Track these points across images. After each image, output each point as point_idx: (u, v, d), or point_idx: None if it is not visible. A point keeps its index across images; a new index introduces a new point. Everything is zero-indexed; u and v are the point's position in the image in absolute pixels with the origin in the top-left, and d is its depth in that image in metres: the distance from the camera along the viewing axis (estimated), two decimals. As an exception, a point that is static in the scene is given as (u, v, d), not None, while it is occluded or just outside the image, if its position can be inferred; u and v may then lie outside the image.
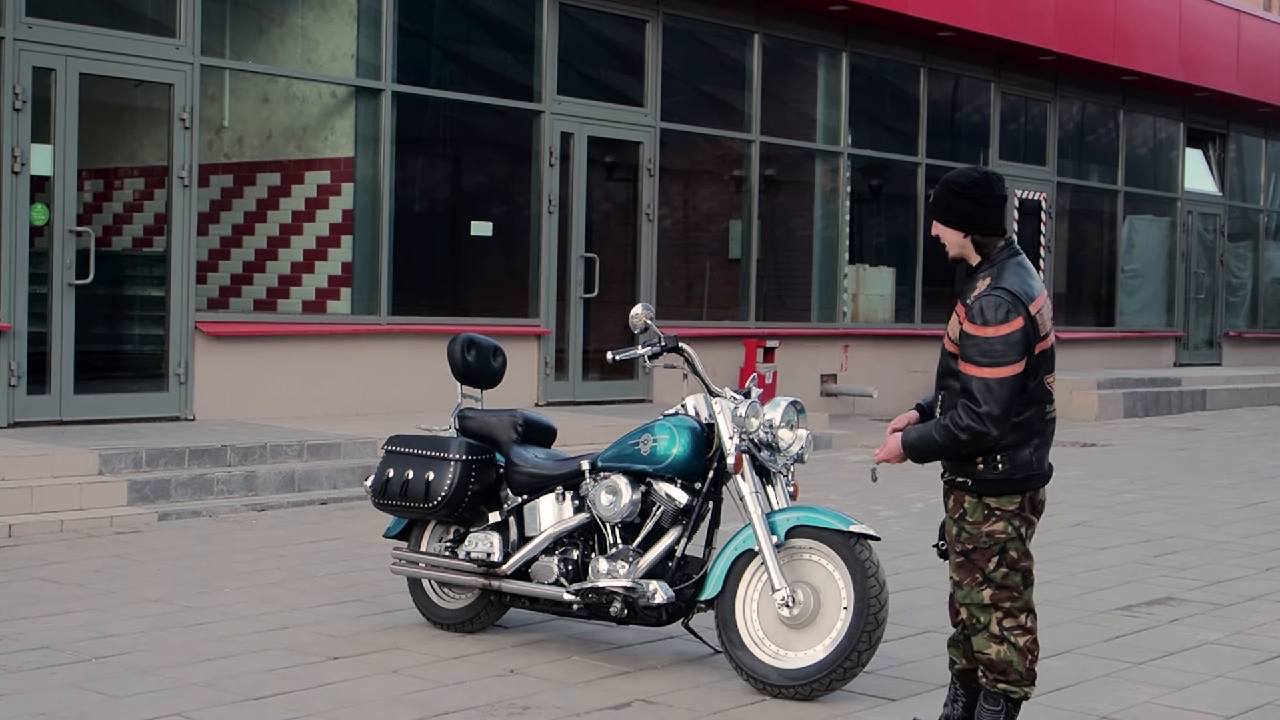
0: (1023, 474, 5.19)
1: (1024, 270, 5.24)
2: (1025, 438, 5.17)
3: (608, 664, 6.76)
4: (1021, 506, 5.22)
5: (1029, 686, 5.30)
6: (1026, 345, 5.10)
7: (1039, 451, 5.22)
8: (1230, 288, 26.75)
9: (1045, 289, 5.33)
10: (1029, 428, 5.18)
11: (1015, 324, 5.07)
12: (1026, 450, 5.18)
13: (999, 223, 5.29)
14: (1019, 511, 5.21)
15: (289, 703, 6.01)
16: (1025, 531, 5.24)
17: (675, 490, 6.64)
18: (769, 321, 17.95)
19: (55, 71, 11.86)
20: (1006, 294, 5.11)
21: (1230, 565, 9.50)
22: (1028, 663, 5.26)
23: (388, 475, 7.23)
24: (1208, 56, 23.44)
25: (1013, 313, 5.08)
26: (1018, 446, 5.16)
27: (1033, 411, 5.18)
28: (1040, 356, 5.17)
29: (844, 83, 18.92)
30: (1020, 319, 5.08)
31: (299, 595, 8.03)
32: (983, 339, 5.08)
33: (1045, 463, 5.26)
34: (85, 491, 10.20)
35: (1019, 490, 5.20)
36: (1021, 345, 5.08)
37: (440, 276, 15.55)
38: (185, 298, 12.61)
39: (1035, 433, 5.20)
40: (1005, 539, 5.22)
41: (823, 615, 6.24)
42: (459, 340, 7.45)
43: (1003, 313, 5.08)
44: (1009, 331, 5.07)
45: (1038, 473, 5.23)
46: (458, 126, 15.68)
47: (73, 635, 7.00)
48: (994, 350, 5.06)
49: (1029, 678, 5.28)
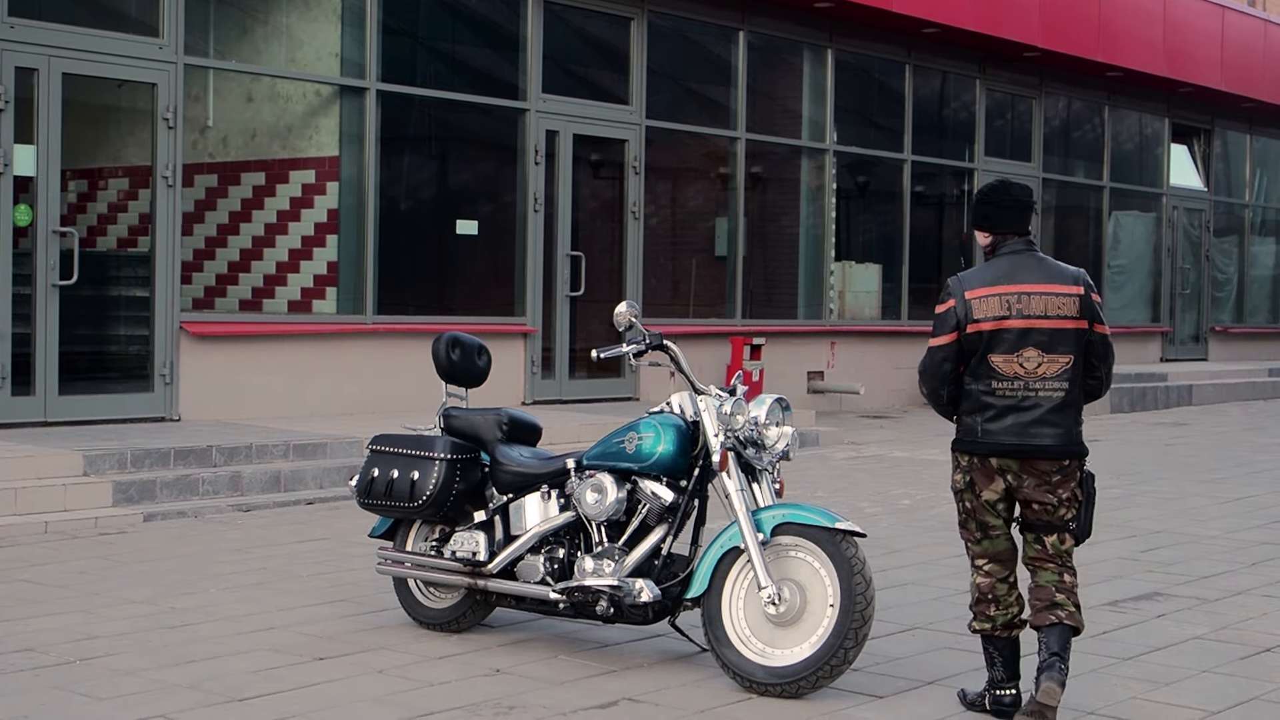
0: (969, 438, 5.93)
1: (1001, 263, 5.97)
2: (972, 408, 5.91)
3: (594, 663, 6.75)
4: (971, 464, 5.94)
5: (975, 619, 6.04)
6: (955, 323, 5.87)
7: (989, 424, 5.86)
8: (1216, 283, 26.80)
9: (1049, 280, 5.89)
10: (974, 399, 5.90)
11: (947, 304, 5.92)
12: (972, 418, 5.91)
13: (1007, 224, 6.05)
14: (969, 469, 5.96)
15: (274, 704, 5.99)
16: (979, 488, 5.94)
17: (661, 488, 6.63)
18: (755, 319, 17.95)
19: (38, 71, 11.82)
20: (953, 279, 6.01)
21: (1217, 560, 9.51)
22: (976, 596, 6.04)
23: (373, 475, 7.22)
24: (1192, 52, 23.48)
25: (946, 295, 5.96)
26: (968, 413, 5.93)
27: (978, 386, 5.88)
28: (978, 336, 5.84)
29: (829, 79, 18.92)
30: (952, 301, 5.91)
31: (284, 596, 8.01)
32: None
33: (1000, 437, 5.85)
34: (70, 493, 10.17)
35: (966, 450, 5.95)
36: (948, 322, 5.89)
37: (426, 275, 15.53)
38: (170, 298, 12.58)
39: (983, 406, 5.87)
40: (960, 488, 6.02)
41: (809, 613, 6.23)
42: (443, 339, 7.43)
43: (945, 294, 5.97)
44: (941, 310, 5.94)
45: (983, 441, 5.88)
46: (443, 125, 15.66)
47: (56, 637, 6.98)
48: (934, 323, 5.99)
49: (975, 611, 6.04)
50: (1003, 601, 5.97)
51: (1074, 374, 5.87)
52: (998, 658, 6.02)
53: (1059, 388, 5.84)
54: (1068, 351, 5.84)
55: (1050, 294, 5.85)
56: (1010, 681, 6.01)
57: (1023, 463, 5.85)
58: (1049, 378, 5.82)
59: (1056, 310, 5.83)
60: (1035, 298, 5.81)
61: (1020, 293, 5.82)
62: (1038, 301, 5.81)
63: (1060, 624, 5.83)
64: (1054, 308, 5.83)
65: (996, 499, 5.93)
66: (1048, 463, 5.85)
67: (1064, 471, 5.89)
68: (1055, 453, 5.84)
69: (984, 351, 5.83)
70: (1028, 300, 5.81)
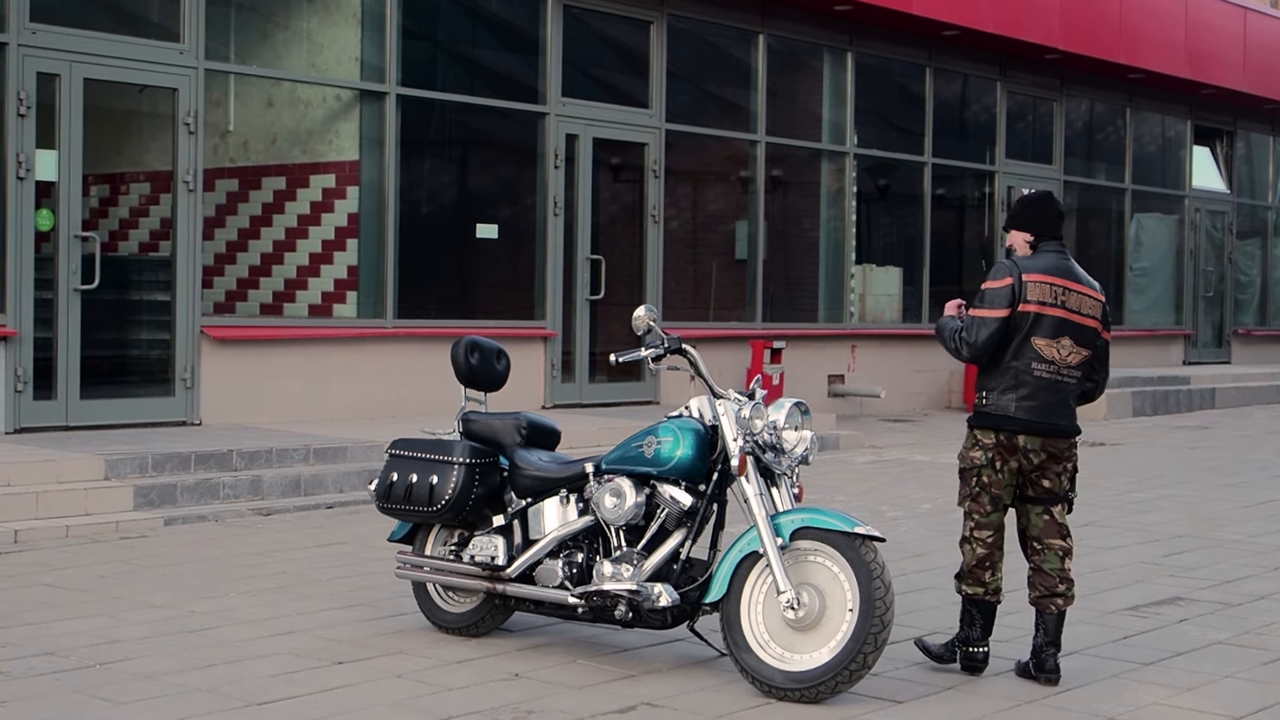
0: (1001, 414, 6.49)
1: (1043, 257, 6.60)
2: (1008, 385, 6.50)
3: (613, 667, 6.74)
4: (997, 441, 6.51)
5: (966, 583, 6.60)
6: (1010, 299, 6.46)
7: (1022, 402, 6.48)
8: (1239, 285, 26.70)
9: (1083, 283, 6.60)
10: (1013, 376, 6.50)
11: (1005, 280, 6.50)
12: (1005, 396, 6.49)
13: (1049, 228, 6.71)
14: (994, 445, 6.52)
15: (294, 708, 6.00)
16: (1000, 465, 6.52)
17: (679, 492, 6.62)
18: (776, 322, 17.92)
19: (60, 77, 11.87)
20: (1008, 262, 6.62)
21: (1239, 565, 9.46)
22: (972, 564, 6.58)
23: (392, 479, 7.22)
24: (1214, 53, 23.39)
25: (1003, 273, 6.53)
26: (1001, 390, 6.51)
27: (1019, 363, 6.49)
28: (1025, 317, 6.46)
29: (849, 82, 18.90)
30: (1010, 279, 6.49)
31: (304, 600, 8.02)
32: (982, 290, 6.59)
33: (1030, 416, 6.47)
34: (91, 497, 10.20)
35: (994, 427, 6.51)
36: (1004, 297, 6.48)
37: (446, 279, 15.54)
38: (191, 302, 12.61)
39: (1020, 384, 6.49)
40: (980, 464, 6.56)
41: (828, 617, 6.22)
42: (462, 343, 7.44)
43: (1002, 272, 6.54)
44: (998, 286, 6.51)
45: (1016, 418, 6.47)
46: (462, 129, 15.67)
47: (77, 641, 7.00)
48: (984, 297, 6.54)
49: (969, 577, 6.60)
50: (997, 568, 6.61)
51: (1086, 369, 6.63)
52: (979, 619, 6.62)
53: (1077, 377, 6.59)
54: (1088, 348, 6.59)
55: (1085, 295, 6.59)
56: (984, 639, 6.64)
57: (1045, 440, 6.51)
58: (1074, 367, 6.55)
59: (1089, 310, 6.58)
60: (1074, 294, 6.54)
61: (1065, 287, 6.54)
62: (1076, 298, 6.54)
63: (1060, 611, 6.54)
64: (1086, 307, 6.57)
65: (1013, 474, 6.56)
66: (1064, 441, 6.58)
67: (1072, 448, 6.64)
68: (1071, 431, 6.59)
69: (1028, 333, 6.47)
70: (1069, 295, 6.53)
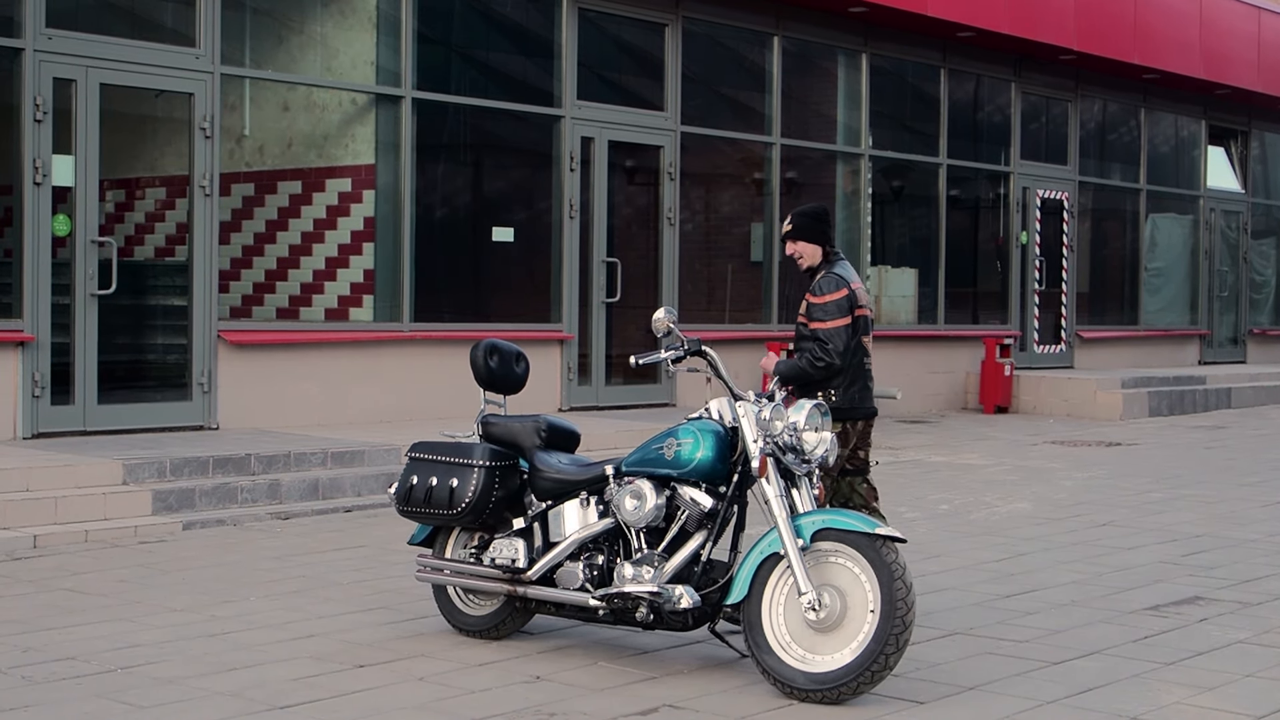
0: (850, 405, 7.47)
1: (846, 265, 7.63)
2: (852, 380, 7.48)
3: (634, 669, 6.74)
4: (845, 430, 7.46)
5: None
6: (849, 307, 7.43)
7: (861, 393, 7.53)
8: (1254, 285, 26.63)
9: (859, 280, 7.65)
10: (858, 371, 7.50)
11: (843, 292, 7.45)
12: (854, 389, 7.50)
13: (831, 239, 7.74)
14: (841, 434, 7.43)
15: (315, 711, 6.01)
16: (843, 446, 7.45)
17: (700, 494, 6.62)
18: (792, 324, 17.84)
19: (76, 82, 11.89)
20: (834, 274, 7.52)
21: (1258, 564, 9.44)
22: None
23: (412, 482, 7.23)
24: (1229, 53, 23.34)
25: (839, 285, 7.45)
26: (847, 386, 7.47)
27: (854, 360, 7.46)
28: (861, 320, 7.49)
29: (864, 84, 18.89)
30: (845, 289, 7.44)
31: (324, 603, 8.03)
32: (823, 303, 7.43)
33: (864, 403, 7.54)
34: (109, 501, 10.22)
35: (850, 418, 7.50)
36: (844, 306, 7.41)
37: (462, 283, 15.56)
38: (208, 306, 12.63)
39: (862, 376, 7.54)
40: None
41: (849, 618, 6.21)
42: (481, 346, 7.44)
43: (835, 284, 7.45)
44: (838, 297, 7.43)
45: (858, 407, 7.52)
46: (478, 132, 15.69)
47: (97, 645, 7.01)
48: (827, 309, 7.42)
49: None
50: None
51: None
52: None
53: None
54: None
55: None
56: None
57: (866, 422, 7.61)
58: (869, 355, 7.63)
59: (869, 302, 7.70)
60: (862, 292, 7.60)
61: (863, 288, 7.63)
62: (864, 295, 7.61)
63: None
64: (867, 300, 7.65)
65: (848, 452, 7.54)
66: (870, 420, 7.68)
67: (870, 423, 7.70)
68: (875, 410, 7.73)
69: (859, 332, 7.48)
70: (866, 294, 7.65)
